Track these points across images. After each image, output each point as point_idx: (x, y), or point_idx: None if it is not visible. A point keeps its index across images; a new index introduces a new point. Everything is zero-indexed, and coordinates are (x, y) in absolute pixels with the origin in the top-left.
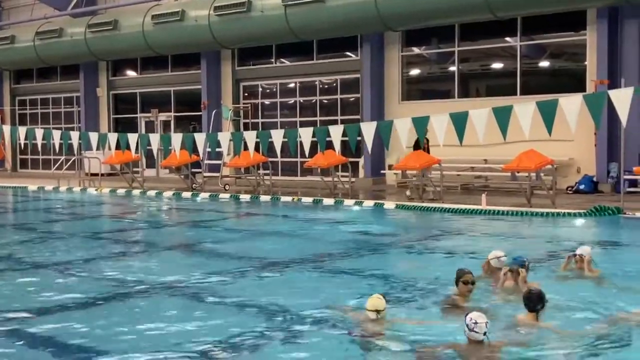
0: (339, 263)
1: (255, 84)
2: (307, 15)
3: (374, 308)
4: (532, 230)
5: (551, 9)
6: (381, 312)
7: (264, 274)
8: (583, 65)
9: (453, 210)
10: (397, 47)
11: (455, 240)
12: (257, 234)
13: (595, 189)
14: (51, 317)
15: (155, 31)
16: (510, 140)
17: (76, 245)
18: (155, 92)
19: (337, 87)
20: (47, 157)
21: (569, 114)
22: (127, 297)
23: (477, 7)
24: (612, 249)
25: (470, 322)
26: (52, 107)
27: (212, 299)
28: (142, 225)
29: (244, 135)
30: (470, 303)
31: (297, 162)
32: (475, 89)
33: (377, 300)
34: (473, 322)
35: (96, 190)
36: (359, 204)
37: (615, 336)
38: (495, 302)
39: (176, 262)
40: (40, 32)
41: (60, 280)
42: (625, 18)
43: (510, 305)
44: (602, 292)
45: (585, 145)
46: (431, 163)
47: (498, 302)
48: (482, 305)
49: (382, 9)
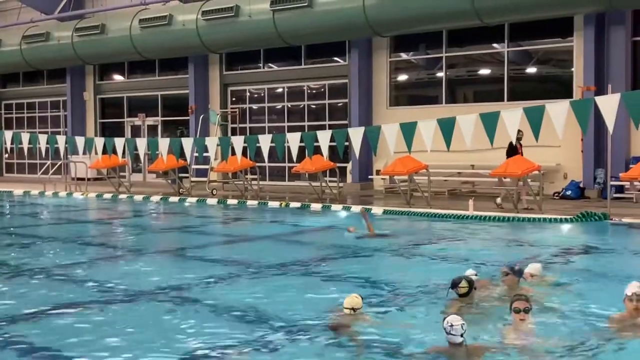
0: (326, 268)
1: (243, 89)
2: (295, 20)
3: (350, 306)
4: (518, 236)
5: (538, 15)
6: (357, 309)
7: (250, 279)
8: (570, 71)
9: (440, 216)
10: (385, 52)
11: (442, 245)
12: (244, 239)
13: (582, 195)
14: (33, 322)
15: (142, 35)
16: (498, 146)
17: (60, 249)
18: (142, 97)
19: (325, 93)
20: (34, 162)
21: (556, 120)
22: (111, 302)
23: (464, 13)
24: (598, 255)
25: (447, 326)
26: (39, 111)
27: (198, 304)
28: (128, 230)
29: (231, 140)
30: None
31: (284, 167)
32: (462, 95)
33: (354, 299)
34: (449, 325)
35: (82, 194)
36: (346, 209)
37: (593, 342)
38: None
39: (162, 267)
40: (27, 36)
41: (43, 284)
42: (612, 25)
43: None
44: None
45: (572, 151)
46: (418, 168)
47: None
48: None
49: (370, 15)
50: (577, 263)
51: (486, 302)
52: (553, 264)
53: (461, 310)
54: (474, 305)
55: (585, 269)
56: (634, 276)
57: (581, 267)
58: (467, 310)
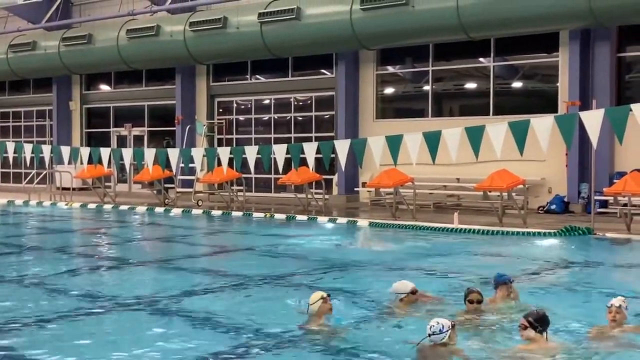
0: (310, 280)
1: (230, 100)
2: (283, 32)
3: (312, 301)
4: (503, 250)
5: (524, 30)
6: (325, 296)
7: (234, 291)
8: (555, 86)
9: (425, 229)
10: (372, 65)
11: (427, 258)
12: (227, 250)
13: (566, 209)
14: (17, 332)
15: (129, 46)
16: (483, 159)
17: (42, 259)
18: (129, 107)
19: (312, 105)
20: (18, 171)
21: (541, 134)
22: (95, 313)
23: (451, 27)
24: (580, 269)
25: (429, 329)
26: (24, 120)
27: (182, 315)
28: (113, 241)
29: (217, 151)
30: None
31: (271, 179)
32: (448, 109)
33: (317, 294)
34: (429, 326)
35: (66, 204)
36: (332, 221)
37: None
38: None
39: (147, 277)
40: (14, 45)
41: (26, 295)
42: (597, 40)
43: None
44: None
45: (557, 166)
46: (404, 181)
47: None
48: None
49: (357, 28)
50: (558, 276)
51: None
52: (535, 277)
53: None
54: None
55: (567, 283)
56: (616, 289)
57: (563, 281)
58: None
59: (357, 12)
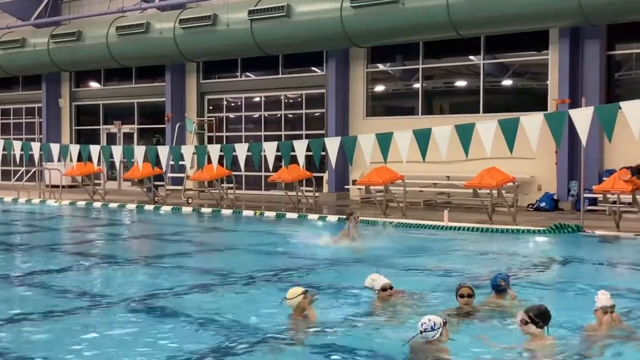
0: (299, 277)
1: (220, 98)
2: (273, 30)
3: (291, 296)
4: (493, 247)
5: (514, 28)
6: (306, 291)
7: (224, 288)
8: (545, 84)
9: (415, 226)
10: (363, 63)
11: (416, 256)
12: (218, 248)
13: (556, 207)
14: (5, 329)
15: (119, 43)
16: (473, 157)
17: (33, 257)
18: (118, 104)
19: (302, 102)
20: (7, 168)
21: (531, 132)
22: (84, 310)
23: (441, 25)
24: (570, 266)
25: (420, 326)
26: (13, 117)
27: (172, 313)
28: (102, 238)
29: (207, 148)
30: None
31: (261, 177)
32: (439, 106)
33: (297, 289)
34: (420, 324)
35: (56, 202)
36: (322, 219)
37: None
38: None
39: (136, 275)
40: (3, 42)
41: (15, 292)
42: (587, 38)
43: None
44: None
45: (546, 164)
46: (394, 179)
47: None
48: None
49: (347, 26)
50: (548, 273)
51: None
52: (525, 275)
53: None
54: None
55: (556, 280)
56: (605, 287)
57: (552, 278)
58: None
59: (348, 10)
